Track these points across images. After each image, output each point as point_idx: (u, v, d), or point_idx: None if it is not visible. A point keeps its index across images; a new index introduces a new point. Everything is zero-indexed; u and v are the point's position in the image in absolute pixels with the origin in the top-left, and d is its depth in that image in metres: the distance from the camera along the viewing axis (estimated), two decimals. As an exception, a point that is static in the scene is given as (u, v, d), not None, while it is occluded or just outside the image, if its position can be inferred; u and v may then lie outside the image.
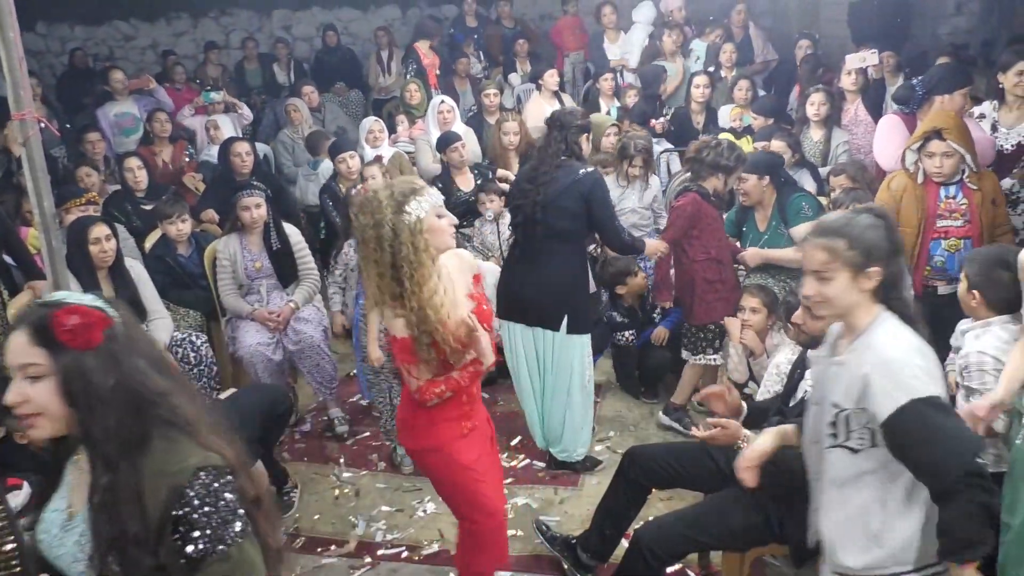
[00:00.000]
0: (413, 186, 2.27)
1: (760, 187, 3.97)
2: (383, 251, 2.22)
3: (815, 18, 8.09)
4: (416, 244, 2.21)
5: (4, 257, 3.95)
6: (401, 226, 2.20)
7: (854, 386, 1.87)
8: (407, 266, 2.21)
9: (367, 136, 5.63)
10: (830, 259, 1.88)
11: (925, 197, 3.48)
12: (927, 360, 1.86)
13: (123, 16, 9.53)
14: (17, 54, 2.48)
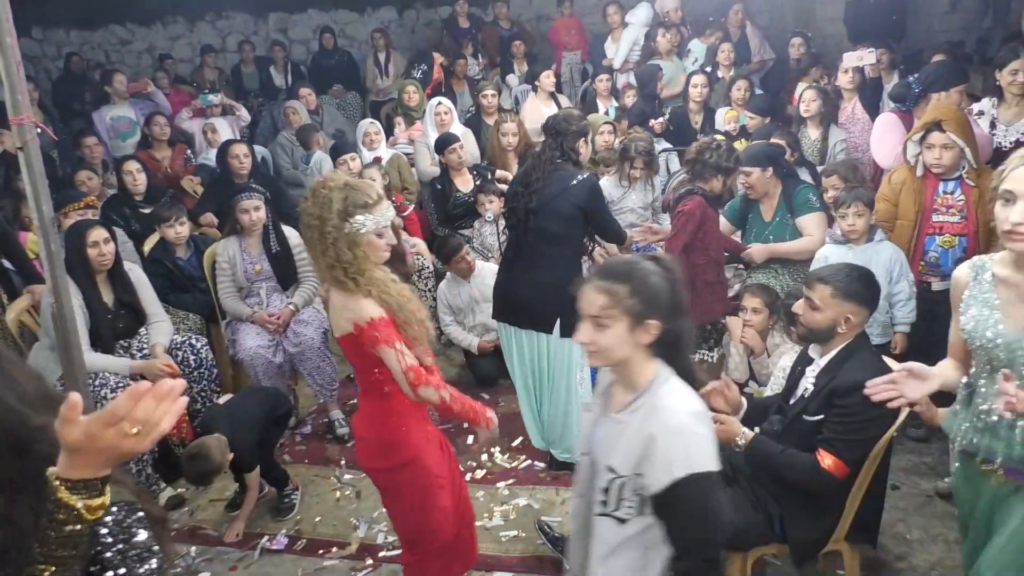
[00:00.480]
0: (367, 200, 2.31)
1: (764, 179, 3.96)
2: (325, 245, 2.28)
3: (811, 17, 8.11)
4: (354, 252, 2.28)
5: (3, 261, 3.95)
6: (341, 232, 2.26)
7: (634, 451, 1.74)
8: (347, 266, 2.28)
9: (364, 139, 5.63)
10: (609, 304, 1.74)
11: (923, 190, 3.49)
12: (708, 429, 1.77)
13: (119, 20, 9.53)
14: (14, 59, 2.48)
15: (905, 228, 3.54)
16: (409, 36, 9.80)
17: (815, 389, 2.43)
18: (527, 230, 3.36)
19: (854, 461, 2.33)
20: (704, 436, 1.74)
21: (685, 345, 1.87)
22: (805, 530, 2.43)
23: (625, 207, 4.61)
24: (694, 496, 1.69)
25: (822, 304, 2.41)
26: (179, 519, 3.53)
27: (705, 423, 1.78)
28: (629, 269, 1.79)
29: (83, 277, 3.50)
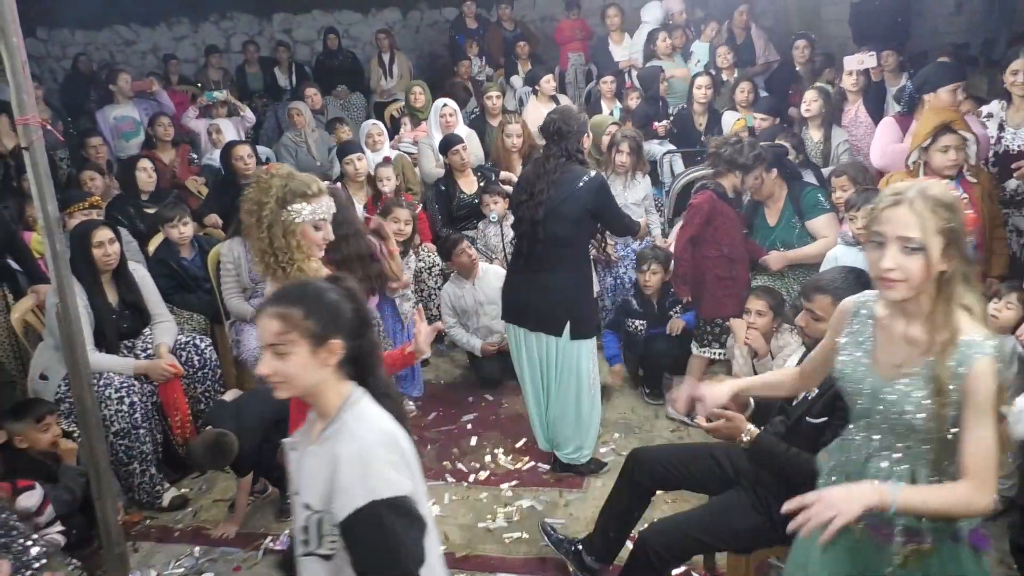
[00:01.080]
0: (307, 191, 2.38)
1: (769, 180, 3.96)
2: (261, 230, 2.36)
3: (816, 18, 8.10)
4: (288, 241, 2.35)
5: (8, 261, 3.96)
6: (277, 219, 2.34)
7: (324, 483, 1.65)
8: (280, 254, 2.35)
9: (366, 139, 5.63)
10: (285, 329, 1.65)
11: None
12: (399, 450, 1.68)
13: (124, 21, 9.55)
14: (20, 59, 2.49)
15: None
16: (413, 37, 9.81)
17: (819, 392, 2.42)
18: (536, 231, 3.36)
19: (857, 463, 2.32)
20: (388, 460, 1.64)
21: (375, 361, 1.81)
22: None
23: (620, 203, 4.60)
24: (374, 525, 1.58)
25: (824, 314, 2.40)
26: (183, 519, 3.53)
27: (394, 445, 1.67)
28: (302, 291, 1.73)
29: (88, 277, 3.50)
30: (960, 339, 1.66)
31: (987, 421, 1.64)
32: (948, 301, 1.68)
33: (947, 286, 1.68)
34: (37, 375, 3.53)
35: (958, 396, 1.66)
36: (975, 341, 1.65)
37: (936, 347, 1.68)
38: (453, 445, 3.96)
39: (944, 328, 1.67)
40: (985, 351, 1.65)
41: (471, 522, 3.36)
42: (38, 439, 3.05)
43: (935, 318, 1.69)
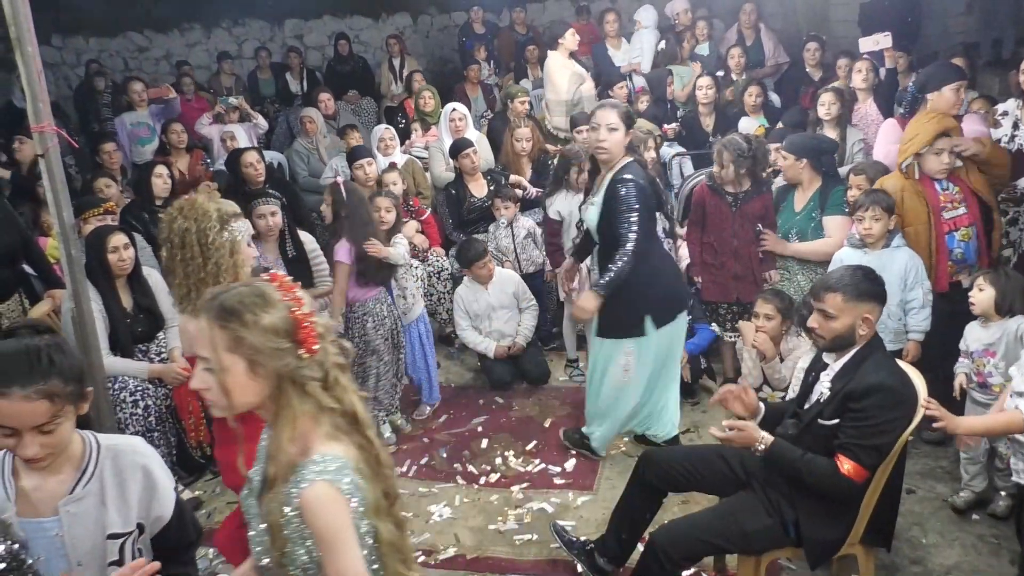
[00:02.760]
0: (235, 211, 2.51)
1: (796, 168, 4.00)
2: (204, 258, 2.41)
3: (824, 19, 8.07)
4: (235, 260, 2.45)
5: (24, 266, 4.00)
6: (222, 241, 2.43)
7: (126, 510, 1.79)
8: (224, 276, 2.41)
9: (378, 144, 5.65)
10: (53, 408, 1.60)
11: (925, 192, 3.54)
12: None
13: (137, 27, 9.64)
14: (36, 67, 2.53)
15: (920, 233, 3.55)
16: (424, 42, 9.86)
17: (831, 393, 2.43)
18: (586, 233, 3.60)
19: (872, 465, 2.33)
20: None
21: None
22: (819, 533, 2.43)
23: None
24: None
25: (837, 312, 2.40)
26: (196, 521, 3.56)
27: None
28: (37, 360, 1.62)
29: (103, 282, 3.54)
30: (303, 460, 1.49)
31: (342, 552, 1.46)
32: (283, 418, 1.51)
33: (280, 401, 1.53)
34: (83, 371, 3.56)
35: (299, 528, 1.48)
36: (312, 462, 1.48)
37: (276, 471, 1.51)
38: (464, 448, 3.98)
39: (279, 451, 1.50)
40: (321, 474, 1.46)
41: (482, 524, 3.38)
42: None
43: (272, 440, 1.54)
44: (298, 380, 1.52)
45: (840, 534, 2.43)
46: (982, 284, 3.12)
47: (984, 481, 3.17)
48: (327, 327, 1.59)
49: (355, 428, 1.58)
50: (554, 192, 4.55)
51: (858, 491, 2.36)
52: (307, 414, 1.52)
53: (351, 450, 1.54)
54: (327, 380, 1.55)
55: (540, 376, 4.60)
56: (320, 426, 1.53)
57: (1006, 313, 3.08)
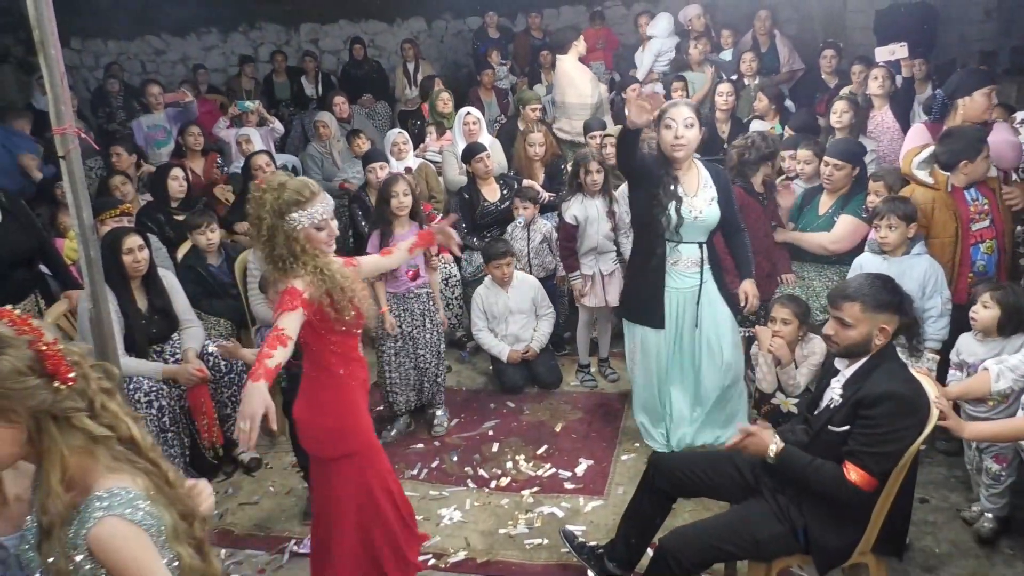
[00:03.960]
0: (299, 198, 2.45)
1: (848, 175, 4.03)
2: (262, 242, 2.45)
3: (841, 26, 8.05)
4: (291, 248, 2.43)
5: (41, 267, 4.05)
6: (278, 230, 2.42)
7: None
8: (282, 262, 2.43)
9: (392, 148, 5.68)
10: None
11: (956, 205, 3.50)
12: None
13: (155, 31, 9.74)
14: (59, 70, 2.56)
15: (946, 246, 3.52)
16: (438, 46, 9.90)
17: (841, 400, 2.42)
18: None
19: (881, 473, 2.32)
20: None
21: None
22: (829, 541, 2.42)
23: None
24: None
25: (854, 321, 2.39)
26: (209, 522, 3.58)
27: None
28: None
29: (118, 283, 3.57)
30: (86, 499, 1.42)
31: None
32: (49, 460, 1.43)
33: (42, 441, 1.44)
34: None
35: (93, 572, 1.40)
36: (97, 499, 1.41)
37: (51, 520, 1.41)
38: (475, 451, 3.99)
39: (49, 498, 1.40)
40: (110, 509, 1.39)
41: (492, 528, 3.38)
42: None
43: (39, 488, 1.44)
44: (60, 414, 1.43)
45: (850, 542, 2.42)
46: (988, 301, 3.06)
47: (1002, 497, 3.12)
48: (81, 352, 1.51)
49: (137, 454, 1.51)
50: (571, 196, 4.54)
51: (867, 499, 2.35)
52: (79, 449, 1.44)
53: (138, 478, 1.48)
54: (93, 408, 1.48)
55: (552, 381, 4.61)
56: (98, 460, 1.45)
57: (1010, 333, 3.04)
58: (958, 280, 3.53)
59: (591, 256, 4.48)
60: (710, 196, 3.42)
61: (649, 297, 3.54)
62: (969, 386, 2.80)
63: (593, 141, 5.45)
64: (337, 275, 2.47)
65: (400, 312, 4.09)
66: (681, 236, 3.43)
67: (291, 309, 2.35)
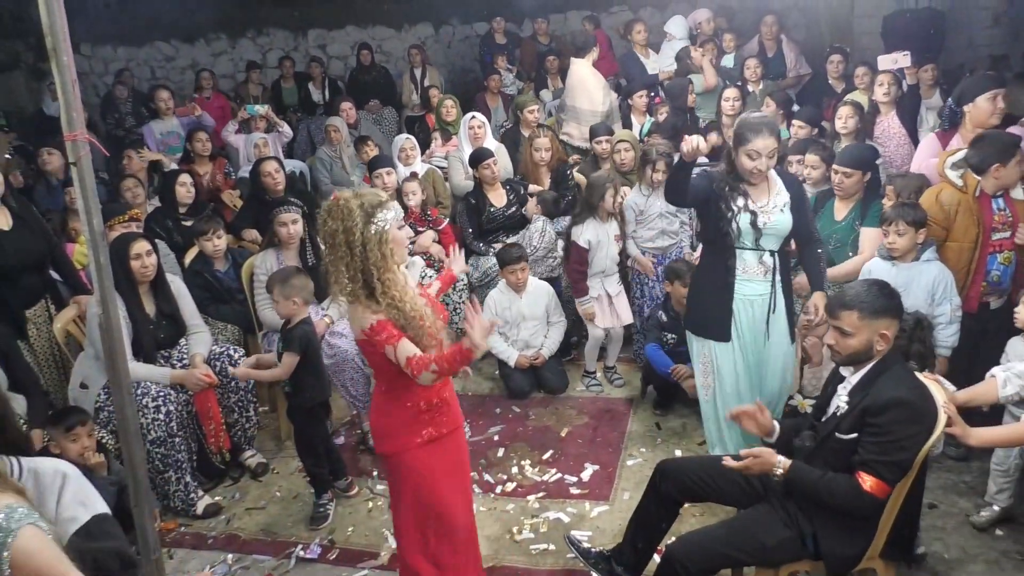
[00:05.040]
0: (380, 199, 2.48)
1: (860, 182, 3.98)
2: (353, 255, 2.42)
3: (848, 31, 8.04)
4: (383, 252, 2.43)
5: (51, 272, 4.07)
6: (370, 235, 2.42)
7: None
8: (376, 271, 2.42)
9: (399, 154, 5.70)
10: None
11: (980, 211, 3.48)
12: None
13: (164, 37, 9.81)
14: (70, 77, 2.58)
15: (964, 250, 3.51)
16: (445, 52, 9.94)
17: (848, 407, 2.42)
18: None
19: (894, 480, 2.31)
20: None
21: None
22: (838, 547, 2.41)
23: (652, 213, 4.61)
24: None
25: (853, 329, 2.40)
26: (216, 527, 3.60)
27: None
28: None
29: (126, 288, 3.59)
30: None
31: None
32: None
33: None
34: (77, 384, 3.63)
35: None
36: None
37: None
38: (480, 457, 3.99)
39: None
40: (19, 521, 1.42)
41: (498, 533, 3.39)
42: (67, 448, 3.07)
43: None
44: None
45: (859, 548, 2.41)
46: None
47: (1011, 498, 3.12)
48: None
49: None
50: (583, 219, 4.55)
51: (880, 506, 2.35)
52: None
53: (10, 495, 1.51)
54: None
55: (559, 386, 4.61)
56: None
57: None
58: (971, 288, 3.51)
59: (597, 278, 4.54)
60: (782, 203, 3.24)
61: (717, 308, 3.32)
62: (976, 392, 2.79)
63: (599, 146, 5.46)
64: (408, 306, 2.46)
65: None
66: (751, 245, 3.24)
67: (397, 340, 2.40)
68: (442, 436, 2.65)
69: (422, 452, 2.60)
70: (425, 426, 2.61)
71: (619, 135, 5.36)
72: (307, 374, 3.47)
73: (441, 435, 2.65)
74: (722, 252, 3.28)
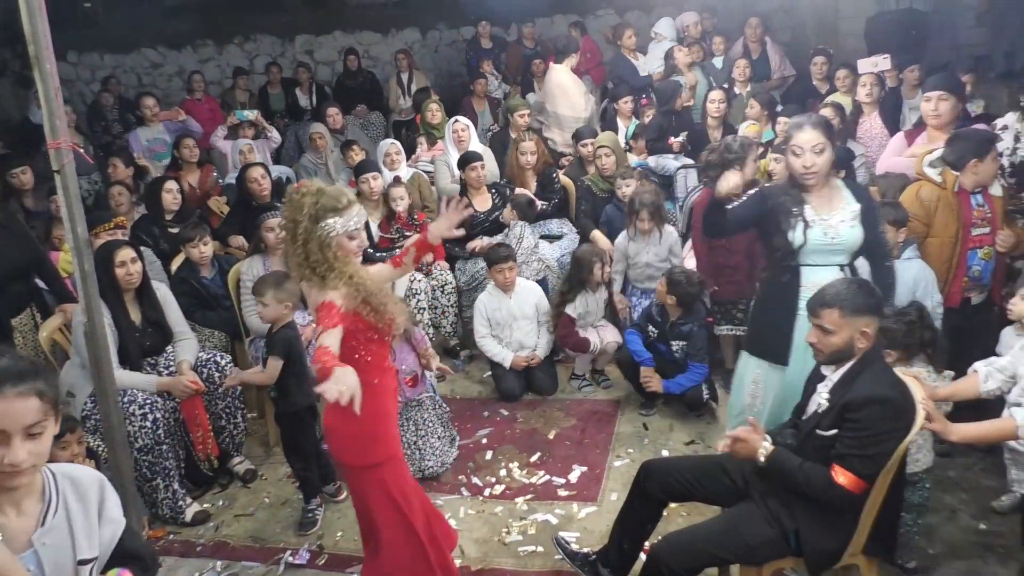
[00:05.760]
0: (337, 204, 2.47)
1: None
2: (296, 246, 2.47)
3: (834, 33, 8.10)
4: (324, 254, 2.45)
5: (37, 281, 4.06)
6: (312, 235, 2.44)
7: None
8: (318, 267, 2.45)
9: (384, 159, 5.70)
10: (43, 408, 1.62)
11: (960, 207, 3.52)
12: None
13: (151, 44, 9.79)
14: (53, 85, 2.59)
15: (944, 246, 3.55)
16: (432, 56, 9.96)
17: (829, 404, 2.44)
18: None
19: (870, 476, 2.33)
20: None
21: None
22: (819, 543, 2.43)
23: (640, 261, 4.66)
24: None
25: (834, 327, 2.42)
26: (205, 534, 3.59)
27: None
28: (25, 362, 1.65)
29: (111, 296, 3.57)
30: None
31: None
32: None
33: None
34: (64, 393, 3.61)
35: None
36: None
37: None
38: (469, 459, 4.00)
39: None
40: None
41: (486, 536, 3.39)
42: (56, 456, 3.04)
43: None
44: None
45: (840, 544, 2.43)
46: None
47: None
48: None
49: None
50: (574, 296, 4.60)
51: (857, 501, 2.37)
52: None
53: None
54: None
55: (550, 387, 4.62)
56: None
57: None
58: (952, 283, 3.55)
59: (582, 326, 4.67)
60: (851, 215, 3.02)
61: (775, 328, 3.09)
62: (957, 388, 2.82)
63: (584, 149, 5.49)
64: (368, 282, 2.50)
65: (403, 423, 3.76)
66: (818, 261, 3.02)
67: (331, 327, 2.35)
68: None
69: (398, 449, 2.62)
70: (394, 411, 2.65)
71: (600, 140, 5.38)
72: (291, 378, 3.48)
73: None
74: (784, 271, 3.09)
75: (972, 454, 3.54)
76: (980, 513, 3.23)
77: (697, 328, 4.14)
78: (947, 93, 3.81)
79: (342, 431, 2.60)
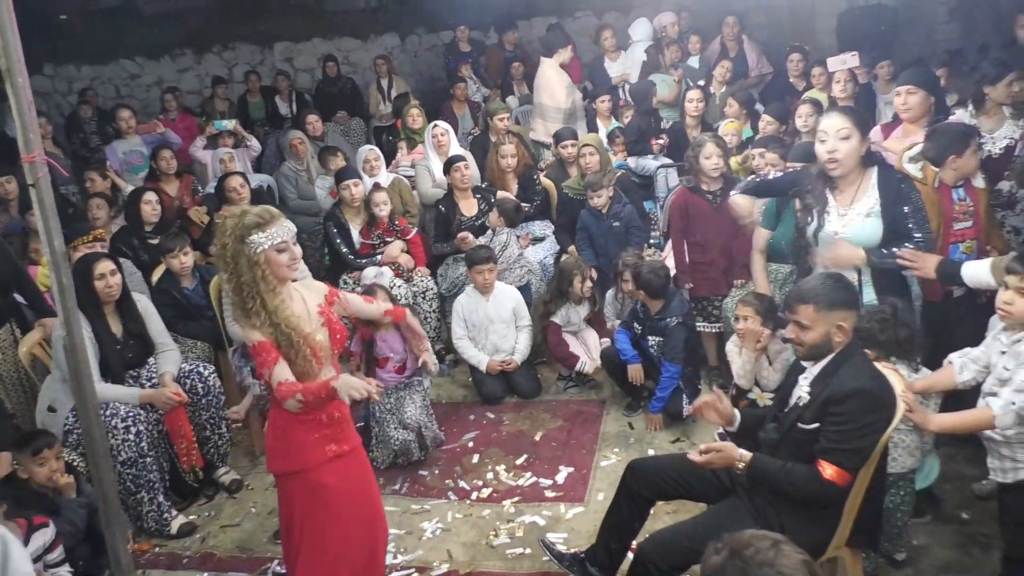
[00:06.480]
0: (260, 220, 2.48)
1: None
2: (229, 270, 2.47)
3: (811, 30, 8.16)
4: (254, 273, 2.45)
5: (15, 295, 4.03)
6: (240, 255, 2.44)
7: None
8: (247, 288, 2.45)
9: (363, 165, 5.69)
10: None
11: (941, 202, 3.55)
12: None
13: (128, 55, 9.72)
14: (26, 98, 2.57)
15: None
16: (411, 61, 9.96)
17: (810, 398, 2.46)
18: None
19: (854, 468, 2.35)
20: None
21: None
22: (805, 537, 2.43)
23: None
24: None
25: (810, 322, 2.44)
26: (191, 546, 3.57)
27: None
28: None
29: (91, 309, 3.55)
30: None
31: None
32: None
33: None
34: (45, 407, 3.59)
35: None
36: None
37: None
38: (455, 463, 4.00)
39: None
40: None
41: (474, 539, 3.40)
42: (35, 472, 3.04)
43: None
44: None
45: (823, 536, 2.45)
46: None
47: None
48: None
49: None
50: (558, 307, 4.67)
51: (842, 494, 2.39)
52: None
53: None
54: None
55: (531, 390, 4.63)
56: None
57: None
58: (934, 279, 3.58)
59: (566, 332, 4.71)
60: (867, 208, 3.00)
61: None
62: (934, 380, 2.84)
63: (564, 151, 5.50)
64: (283, 325, 2.48)
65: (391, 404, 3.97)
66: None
67: (273, 363, 2.45)
68: (345, 453, 2.66)
69: (327, 469, 2.60)
70: (329, 442, 2.61)
71: (584, 139, 5.40)
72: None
73: (344, 452, 2.66)
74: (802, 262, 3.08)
75: (956, 444, 3.56)
76: (963, 503, 3.26)
77: (675, 325, 4.12)
78: (915, 87, 3.83)
79: (267, 434, 2.71)
